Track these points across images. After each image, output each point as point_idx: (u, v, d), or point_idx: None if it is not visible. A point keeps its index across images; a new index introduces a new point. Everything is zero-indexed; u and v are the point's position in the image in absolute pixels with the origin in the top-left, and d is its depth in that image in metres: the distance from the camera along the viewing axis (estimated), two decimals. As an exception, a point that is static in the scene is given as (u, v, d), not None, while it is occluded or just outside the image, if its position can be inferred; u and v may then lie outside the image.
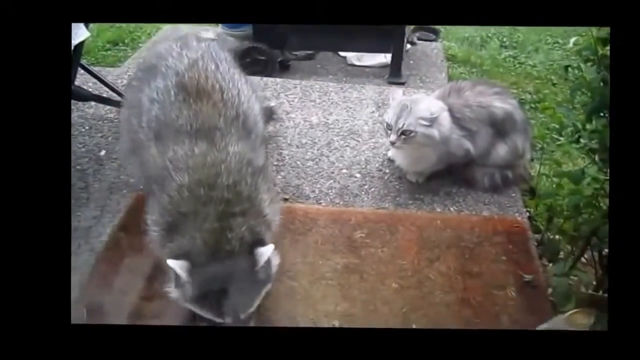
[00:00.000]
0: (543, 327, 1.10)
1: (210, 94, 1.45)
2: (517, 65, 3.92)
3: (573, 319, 1.09)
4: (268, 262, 1.29)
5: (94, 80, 2.27)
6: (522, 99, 3.31)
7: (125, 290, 1.53)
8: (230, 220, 1.29)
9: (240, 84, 1.56)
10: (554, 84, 3.69)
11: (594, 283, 1.70)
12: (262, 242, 1.29)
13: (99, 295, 1.53)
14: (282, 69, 3.07)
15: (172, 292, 1.28)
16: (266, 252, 1.27)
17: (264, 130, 1.64)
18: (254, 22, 2.52)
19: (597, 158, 1.67)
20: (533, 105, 3.39)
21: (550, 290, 1.64)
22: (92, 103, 2.25)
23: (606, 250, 1.69)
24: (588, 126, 1.73)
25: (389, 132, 1.75)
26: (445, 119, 1.80)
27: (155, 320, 1.34)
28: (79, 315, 1.45)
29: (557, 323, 1.10)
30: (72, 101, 2.11)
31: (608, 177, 1.60)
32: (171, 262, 1.22)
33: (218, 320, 1.25)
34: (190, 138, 1.38)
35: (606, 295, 1.59)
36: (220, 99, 1.45)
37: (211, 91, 1.45)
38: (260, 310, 1.36)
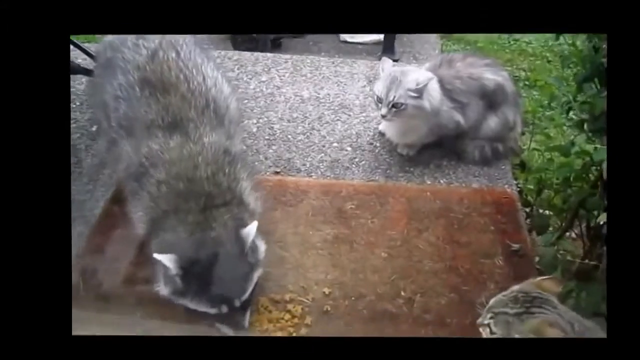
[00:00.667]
0: (515, 288, 1.13)
1: (177, 86, 1.43)
2: (512, 42, 3.90)
3: (542, 285, 1.12)
4: (255, 245, 1.30)
5: (84, 56, 2.26)
6: (516, 76, 3.31)
7: (118, 259, 1.54)
8: (213, 212, 1.29)
9: (204, 67, 1.53)
10: (548, 61, 3.68)
11: (581, 254, 1.74)
12: (245, 226, 1.29)
13: (94, 265, 1.55)
14: (274, 47, 3.06)
15: (162, 288, 1.28)
16: (251, 230, 1.27)
17: (237, 112, 1.61)
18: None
19: (585, 127, 1.68)
20: (527, 83, 3.39)
21: (537, 259, 1.67)
22: (83, 80, 2.25)
23: (595, 221, 1.72)
24: (579, 97, 1.75)
25: (380, 105, 1.76)
26: (435, 89, 1.80)
27: (148, 285, 1.35)
28: (75, 285, 1.48)
29: (527, 286, 1.13)
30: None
31: (595, 147, 1.62)
32: (158, 256, 1.21)
33: (213, 310, 1.24)
34: (163, 132, 1.37)
35: (592, 263, 1.63)
36: (187, 89, 1.43)
37: (177, 82, 1.43)
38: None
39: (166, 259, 1.20)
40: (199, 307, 1.24)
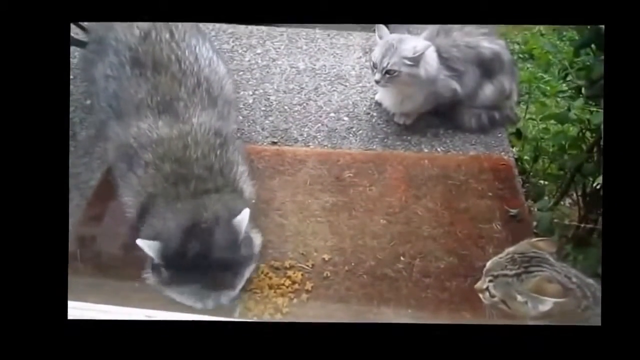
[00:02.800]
0: (510, 250, 1.14)
1: (167, 66, 1.39)
2: (506, 16, 3.87)
3: (538, 245, 1.13)
4: (249, 238, 1.24)
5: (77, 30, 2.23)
6: (511, 49, 3.29)
7: (115, 228, 1.54)
8: (204, 198, 1.23)
9: (198, 47, 1.49)
10: (542, 34, 3.66)
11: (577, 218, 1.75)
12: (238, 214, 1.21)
13: (91, 234, 1.55)
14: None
15: (149, 277, 1.23)
16: (243, 219, 1.19)
17: (233, 94, 1.57)
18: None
19: (583, 92, 1.68)
20: (522, 56, 3.38)
21: (534, 224, 1.68)
22: (76, 53, 2.21)
23: (592, 186, 1.73)
24: (575, 64, 1.75)
25: (375, 70, 1.75)
26: (432, 58, 1.79)
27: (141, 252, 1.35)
28: (72, 254, 1.47)
29: (522, 246, 1.14)
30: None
31: (592, 111, 1.63)
32: (140, 242, 1.15)
33: (198, 305, 1.18)
34: (152, 112, 1.33)
35: (589, 226, 1.64)
36: (179, 69, 1.40)
37: (168, 62, 1.40)
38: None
39: (149, 247, 1.14)
40: (184, 301, 1.18)
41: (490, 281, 1.11)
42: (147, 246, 1.14)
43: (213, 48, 1.61)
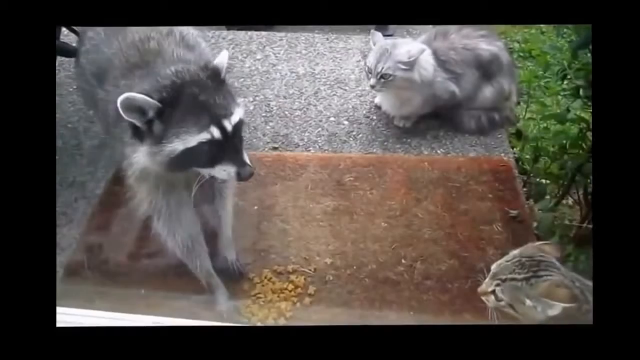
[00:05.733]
0: (515, 253, 1.14)
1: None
2: (506, 15, 3.87)
3: (544, 249, 1.13)
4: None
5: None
6: (510, 48, 3.29)
7: (121, 236, 1.57)
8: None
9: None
10: (542, 32, 3.66)
11: (578, 218, 1.76)
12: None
13: (97, 243, 1.57)
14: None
15: (139, 152, 1.12)
16: (223, 56, 1.16)
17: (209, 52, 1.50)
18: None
19: (581, 93, 1.69)
20: (521, 54, 3.38)
21: (535, 225, 1.69)
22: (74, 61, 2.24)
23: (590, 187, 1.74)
24: (574, 64, 1.75)
25: (370, 75, 1.77)
26: (427, 62, 1.81)
27: (147, 259, 1.38)
28: (80, 262, 1.51)
29: (529, 250, 1.14)
30: (59, 60, 2.10)
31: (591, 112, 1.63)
32: (135, 95, 1.04)
33: (204, 137, 1.07)
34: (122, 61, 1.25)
35: (590, 227, 1.65)
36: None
37: None
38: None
39: (143, 99, 1.05)
40: (186, 143, 1.07)
41: (497, 285, 1.10)
42: (141, 99, 1.05)
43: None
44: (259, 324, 1.38)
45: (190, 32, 1.41)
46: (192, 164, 1.13)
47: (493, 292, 1.11)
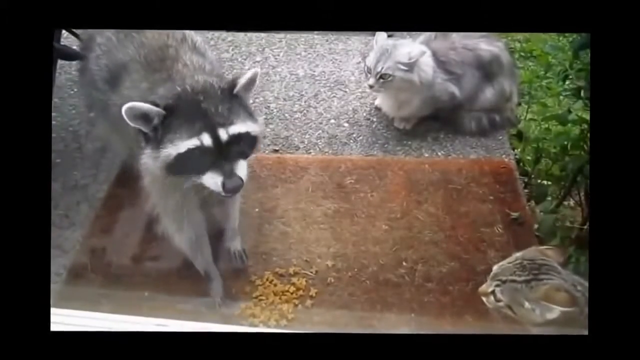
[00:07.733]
0: (518, 255, 1.14)
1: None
2: (507, 15, 3.86)
3: (546, 252, 1.13)
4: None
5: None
6: (512, 48, 3.29)
7: (123, 239, 1.57)
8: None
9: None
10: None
11: (580, 220, 1.76)
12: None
13: (100, 246, 1.58)
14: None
15: (145, 154, 1.15)
16: (248, 73, 1.20)
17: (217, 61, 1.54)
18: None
19: (582, 94, 1.69)
20: (523, 54, 3.38)
21: (536, 227, 1.69)
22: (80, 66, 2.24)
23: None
24: (575, 65, 1.75)
25: (369, 75, 1.78)
26: (427, 63, 1.81)
27: (151, 262, 1.38)
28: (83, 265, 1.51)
29: (531, 253, 1.14)
30: (60, 63, 2.10)
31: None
32: (141, 105, 1.07)
33: (194, 143, 1.08)
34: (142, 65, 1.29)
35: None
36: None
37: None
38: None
39: (148, 108, 1.08)
40: (178, 148, 1.09)
41: (497, 285, 1.11)
42: (143, 107, 1.08)
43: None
44: (261, 326, 1.39)
45: (198, 38, 1.43)
46: (186, 169, 1.13)
47: (492, 292, 1.11)
